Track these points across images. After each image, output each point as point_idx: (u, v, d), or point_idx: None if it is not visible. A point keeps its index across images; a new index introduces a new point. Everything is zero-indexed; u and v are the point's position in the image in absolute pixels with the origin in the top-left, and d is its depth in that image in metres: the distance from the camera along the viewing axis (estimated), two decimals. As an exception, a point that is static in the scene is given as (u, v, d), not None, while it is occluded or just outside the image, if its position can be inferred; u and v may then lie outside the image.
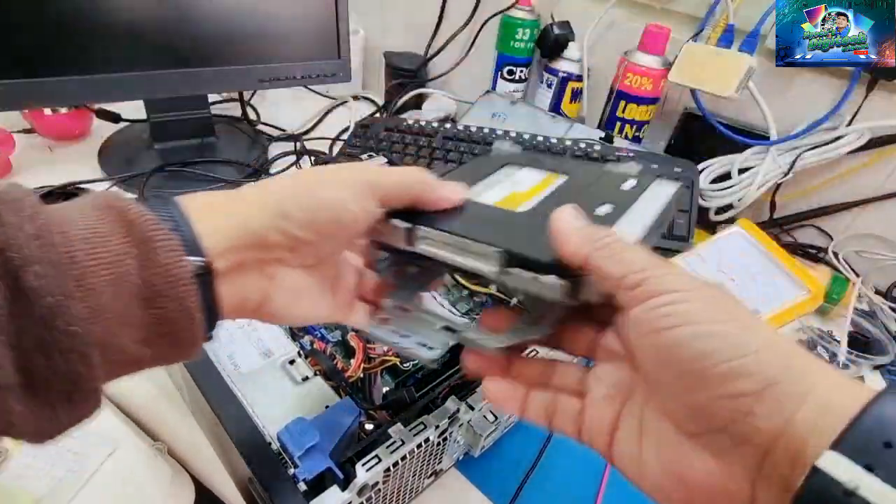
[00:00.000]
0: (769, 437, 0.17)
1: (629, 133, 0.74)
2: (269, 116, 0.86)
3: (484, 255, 0.24)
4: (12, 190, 0.18)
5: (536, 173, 0.33)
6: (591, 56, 0.77)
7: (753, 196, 0.65)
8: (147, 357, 0.20)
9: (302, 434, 0.30)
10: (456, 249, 0.25)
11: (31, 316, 0.16)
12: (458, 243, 0.25)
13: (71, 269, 0.17)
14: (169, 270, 0.19)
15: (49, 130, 0.72)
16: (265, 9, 0.65)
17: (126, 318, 0.19)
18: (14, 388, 0.16)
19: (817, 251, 0.69)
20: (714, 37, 0.64)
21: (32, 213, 0.17)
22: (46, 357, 0.17)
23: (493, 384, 0.25)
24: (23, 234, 0.16)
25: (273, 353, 0.38)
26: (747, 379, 0.17)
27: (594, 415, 0.23)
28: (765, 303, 0.49)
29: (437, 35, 0.92)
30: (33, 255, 0.16)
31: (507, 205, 0.28)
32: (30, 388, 0.17)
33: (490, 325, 0.26)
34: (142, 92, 0.64)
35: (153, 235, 0.19)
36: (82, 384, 0.18)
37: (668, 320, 0.19)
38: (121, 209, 0.19)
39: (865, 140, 0.60)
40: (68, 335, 0.17)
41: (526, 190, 0.31)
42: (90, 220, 0.19)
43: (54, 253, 0.17)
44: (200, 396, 0.33)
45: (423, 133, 0.70)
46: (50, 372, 0.17)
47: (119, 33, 0.58)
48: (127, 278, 0.18)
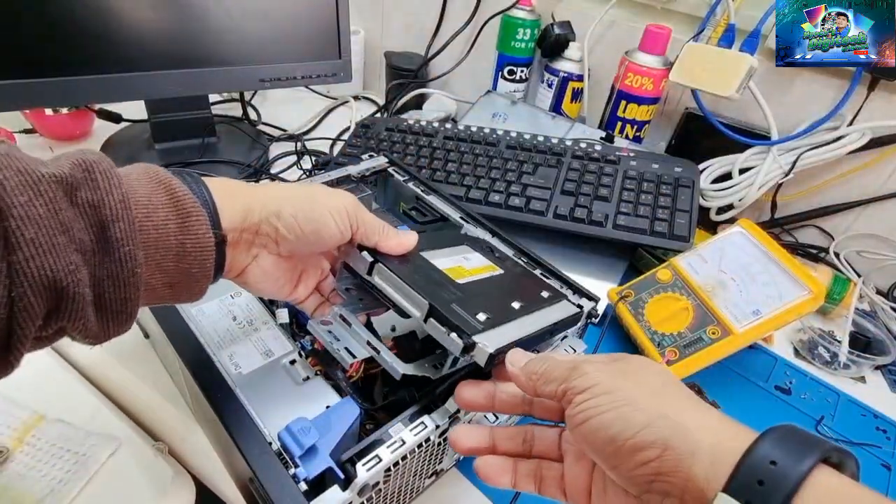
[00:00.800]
0: (681, 488, 0.21)
1: (630, 133, 0.74)
2: (269, 116, 0.86)
3: (416, 303, 0.32)
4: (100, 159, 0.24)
5: (484, 261, 0.41)
6: (592, 56, 0.77)
7: (754, 196, 0.65)
8: (167, 295, 0.27)
9: (302, 434, 0.30)
10: (399, 290, 0.33)
11: (112, 256, 0.23)
12: (401, 287, 0.33)
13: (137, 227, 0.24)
14: (199, 239, 0.26)
15: (50, 131, 0.72)
16: (266, 9, 0.65)
17: (163, 267, 0.25)
18: (90, 303, 0.23)
19: (818, 251, 0.69)
20: (715, 37, 0.64)
21: (118, 182, 0.24)
22: (115, 285, 0.23)
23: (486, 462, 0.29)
24: (111, 197, 0.23)
25: (274, 353, 0.38)
26: (649, 448, 0.22)
27: (571, 476, 0.28)
28: (766, 303, 0.49)
29: (437, 35, 0.92)
30: (119, 215, 0.23)
31: (451, 273, 0.36)
32: (100, 304, 0.23)
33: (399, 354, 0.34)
34: (143, 92, 0.64)
35: (191, 210, 0.26)
36: (130, 307, 0.24)
37: (582, 416, 0.24)
38: (168, 186, 0.26)
39: (867, 140, 0.60)
40: (133, 274, 0.23)
41: (470, 269, 0.39)
42: (148, 190, 0.25)
43: (131, 215, 0.23)
44: (202, 396, 0.34)
45: (424, 133, 0.71)
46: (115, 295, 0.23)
47: (120, 34, 0.58)
48: (168, 239, 0.25)
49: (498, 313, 0.33)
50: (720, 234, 0.55)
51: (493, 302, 0.34)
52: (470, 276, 0.37)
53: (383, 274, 0.34)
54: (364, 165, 0.57)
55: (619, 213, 0.59)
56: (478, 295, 0.35)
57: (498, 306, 0.34)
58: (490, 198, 0.61)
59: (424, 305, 0.31)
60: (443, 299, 0.32)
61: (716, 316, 0.50)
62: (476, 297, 0.34)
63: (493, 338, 0.30)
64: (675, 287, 0.53)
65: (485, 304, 0.33)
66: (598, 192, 0.61)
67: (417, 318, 0.32)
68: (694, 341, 0.49)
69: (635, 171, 0.62)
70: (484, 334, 0.30)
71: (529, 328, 0.33)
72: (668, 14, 0.72)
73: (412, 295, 0.32)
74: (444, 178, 0.64)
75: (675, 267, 0.55)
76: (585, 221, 0.59)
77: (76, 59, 0.57)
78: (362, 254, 0.34)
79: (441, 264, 0.37)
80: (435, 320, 0.31)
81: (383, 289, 0.34)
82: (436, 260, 0.37)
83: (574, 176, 0.62)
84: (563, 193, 0.61)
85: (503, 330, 0.32)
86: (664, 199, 0.60)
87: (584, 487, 0.27)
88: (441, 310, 0.31)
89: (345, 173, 0.55)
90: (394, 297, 0.33)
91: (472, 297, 0.33)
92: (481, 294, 0.35)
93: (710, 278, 0.52)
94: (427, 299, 0.31)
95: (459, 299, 0.33)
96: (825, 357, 0.55)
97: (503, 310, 0.34)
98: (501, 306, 0.34)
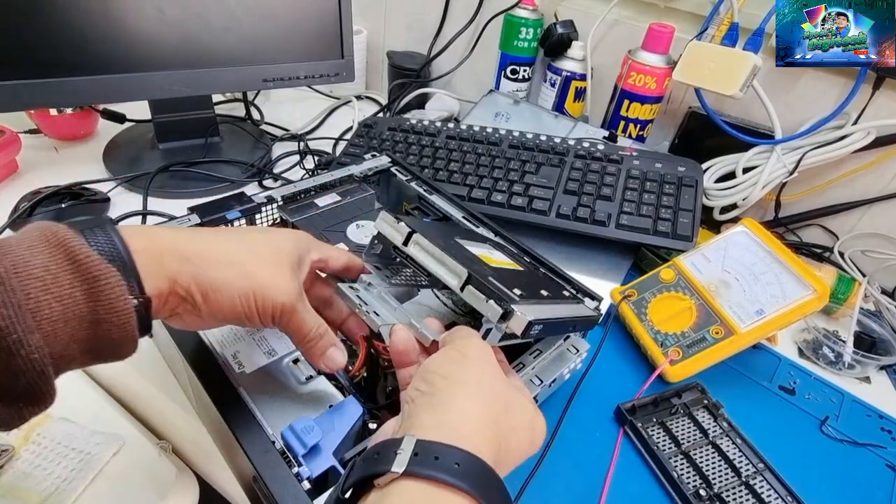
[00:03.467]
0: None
1: (633, 132, 0.73)
2: (272, 116, 0.86)
3: (455, 271, 0.32)
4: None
5: (507, 257, 0.43)
6: (595, 55, 0.77)
7: (758, 195, 0.64)
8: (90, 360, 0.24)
9: (306, 433, 0.30)
10: (437, 259, 0.33)
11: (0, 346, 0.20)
12: (440, 256, 0.33)
13: (28, 303, 0.21)
14: (113, 304, 0.23)
15: (55, 131, 0.73)
16: (269, 9, 0.66)
17: (75, 337, 0.23)
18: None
19: (823, 251, 0.68)
20: (718, 35, 0.64)
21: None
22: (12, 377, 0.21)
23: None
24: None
25: (277, 352, 0.38)
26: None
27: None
28: (770, 303, 0.49)
29: (440, 34, 0.92)
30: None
31: (483, 258, 0.37)
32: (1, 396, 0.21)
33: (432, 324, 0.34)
34: (147, 92, 0.64)
35: (97, 274, 0.23)
36: (39, 391, 0.22)
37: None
38: (68, 248, 0.23)
39: (871, 139, 0.60)
40: (29, 361, 0.21)
41: (497, 260, 0.40)
42: (44, 258, 0.22)
43: (14, 297, 0.20)
44: (205, 396, 0.34)
45: (426, 133, 0.71)
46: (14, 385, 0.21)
47: (124, 34, 0.59)
48: (76, 309, 0.22)
49: (530, 294, 0.33)
50: (724, 233, 0.55)
51: (525, 285, 0.35)
52: (498, 264, 0.38)
53: (421, 244, 0.34)
54: (366, 165, 0.57)
55: (622, 212, 0.59)
56: (510, 277, 0.36)
57: (529, 290, 0.34)
58: (493, 197, 0.61)
59: (463, 273, 0.32)
60: (480, 272, 0.32)
61: (719, 315, 0.50)
62: (509, 278, 0.35)
63: (530, 309, 0.31)
64: (679, 287, 0.53)
65: (518, 283, 0.34)
66: (601, 192, 0.61)
67: (454, 286, 0.32)
68: (697, 341, 0.49)
69: (638, 171, 0.62)
70: (521, 305, 0.31)
71: (560, 313, 0.35)
72: (672, 13, 0.72)
73: (451, 263, 0.32)
74: (446, 178, 0.64)
75: (678, 266, 0.55)
76: (588, 221, 0.59)
77: (80, 60, 0.58)
78: (399, 224, 0.35)
79: (473, 249, 0.38)
80: (473, 287, 0.31)
81: (419, 259, 0.34)
82: (468, 246, 0.38)
83: (577, 175, 0.62)
84: (566, 193, 0.61)
85: (537, 307, 0.32)
86: (667, 199, 0.59)
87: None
88: (479, 278, 0.31)
89: (347, 173, 0.55)
90: (430, 267, 0.33)
91: (506, 278, 0.34)
92: (513, 277, 0.36)
93: (713, 278, 0.52)
94: (466, 268, 0.32)
95: (494, 275, 0.33)
96: (830, 357, 0.55)
97: (534, 293, 0.35)
98: (532, 290, 0.35)
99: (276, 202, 0.50)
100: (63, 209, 0.57)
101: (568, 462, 0.41)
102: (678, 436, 0.43)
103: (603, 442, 0.43)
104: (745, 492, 0.40)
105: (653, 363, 0.50)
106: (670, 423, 0.44)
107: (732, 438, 0.43)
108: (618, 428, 0.44)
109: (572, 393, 0.45)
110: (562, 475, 0.40)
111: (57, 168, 0.68)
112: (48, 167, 0.68)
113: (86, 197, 0.59)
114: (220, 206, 0.47)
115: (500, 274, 0.35)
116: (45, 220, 0.57)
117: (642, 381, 0.48)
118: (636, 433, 0.43)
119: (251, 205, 0.48)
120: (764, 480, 0.40)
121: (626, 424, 0.44)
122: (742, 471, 0.41)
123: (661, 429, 0.44)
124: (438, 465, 0.22)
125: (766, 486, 0.40)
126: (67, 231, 0.23)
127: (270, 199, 0.49)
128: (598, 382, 0.47)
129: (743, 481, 0.40)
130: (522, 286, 0.34)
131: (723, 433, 0.44)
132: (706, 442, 0.43)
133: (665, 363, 0.48)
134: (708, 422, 0.45)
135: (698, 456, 0.42)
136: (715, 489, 0.39)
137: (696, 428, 0.44)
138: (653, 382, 0.47)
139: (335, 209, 0.52)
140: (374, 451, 0.24)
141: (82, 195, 0.59)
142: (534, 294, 0.35)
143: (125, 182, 0.65)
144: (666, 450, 0.42)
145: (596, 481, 0.40)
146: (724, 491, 0.39)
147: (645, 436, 0.43)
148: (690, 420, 0.45)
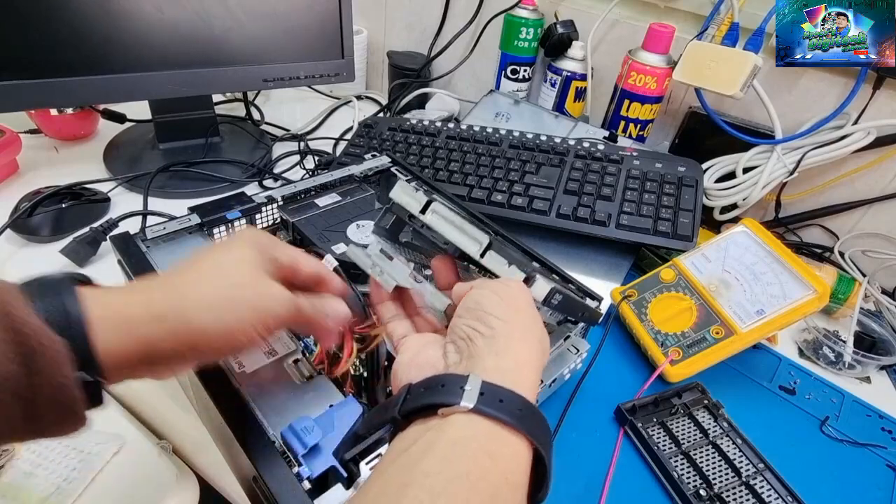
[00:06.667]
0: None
1: (633, 132, 0.73)
2: (273, 116, 0.86)
3: (475, 237, 0.32)
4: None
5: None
6: (595, 55, 0.77)
7: (758, 195, 0.64)
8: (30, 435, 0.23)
9: (306, 433, 0.30)
10: (456, 228, 0.33)
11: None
12: (460, 223, 0.33)
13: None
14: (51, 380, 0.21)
15: (55, 131, 0.73)
16: (269, 9, 0.66)
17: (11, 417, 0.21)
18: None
19: (823, 251, 0.68)
20: (719, 35, 0.64)
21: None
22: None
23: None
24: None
25: (277, 352, 0.38)
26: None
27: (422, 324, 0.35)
28: (770, 303, 0.49)
29: (440, 34, 0.92)
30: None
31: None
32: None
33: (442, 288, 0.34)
34: (147, 92, 0.64)
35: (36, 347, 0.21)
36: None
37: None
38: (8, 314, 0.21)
39: (872, 139, 0.60)
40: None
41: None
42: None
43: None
44: (206, 395, 0.34)
45: (427, 133, 0.71)
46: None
47: (125, 34, 0.59)
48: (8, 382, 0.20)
49: (544, 272, 0.35)
50: (724, 233, 0.55)
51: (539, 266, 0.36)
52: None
53: (440, 212, 0.34)
54: (367, 165, 0.57)
55: (623, 212, 0.59)
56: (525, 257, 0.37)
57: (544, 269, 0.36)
58: (493, 197, 0.61)
59: (485, 239, 0.32)
60: (498, 243, 0.33)
61: (719, 315, 0.50)
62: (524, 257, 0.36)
63: (550, 280, 0.32)
64: (679, 287, 0.53)
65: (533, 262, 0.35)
66: (602, 192, 0.61)
67: (474, 252, 0.32)
68: (697, 341, 0.49)
69: (639, 171, 0.62)
70: (539, 275, 0.32)
71: (572, 293, 0.36)
72: (672, 13, 0.72)
73: (471, 230, 0.33)
74: (446, 178, 0.64)
75: (678, 266, 0.55)
76: (588, 221, 0.59)
77: (81, 60, 0.58)
78: (417, 193, 0.35)
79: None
80: (495, 251, 0.32)
81: (437, 227, 0.34)
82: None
83: (577, 175, 0.62)
84: (567, 193, 0.61)
85: (552, 280, 0.33)
86: (667, 199, 0.59)
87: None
88: (500, 243, 0.32)
89: (347, 173, 0.55)
90: (450, 235, 0.33)
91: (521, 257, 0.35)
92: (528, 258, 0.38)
93: (713, 278, 0.52)
94: (487, 234, 0.32)
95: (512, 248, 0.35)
96: (830, 357, 0.55)
97: (547, 273, 0.36)
98: (546, 271, 0.37)
99: (277, 202, 0.50)
100: (63, 209, 0.57)
101: (568, 462, 0.41)
102: (678, 436, 0.43)
103: (603, 442, 0.43)
104: (746, 492, 0.40)
105: (653, 363, 0.50)
106: (670, 423, 0.44)
107: (733, 438, 0.43)
108: (618, 428, 0.44)
109: (572, 393, 0.45)
110: (562, 475, 0.40)
111: (57, 168, 0.68)
112: (48, 167, 0.68)
113: (86, 197, 0.59)
114: (221, 206, 0.47)
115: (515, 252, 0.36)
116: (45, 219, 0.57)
117: (642, 381, 0.48)
118: (636, 433, 0.43)
119: (251, 205, 0.48)
120: (764, 480, 0.40)
121: (627, 424, 0.44)
122: (742, 471, 0.41)
123: (662, 429, 0.44)
124: (503, 407, 0.23)
125: (767, 486, 0.40)
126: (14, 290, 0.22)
127: (271, 199, 0.49)
128: (599, 382, 0.47)
129: (743, 481, 0.40)
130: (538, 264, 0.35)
131: (723, 433, 0.44)
132: (706, 442, 0.43)
133: (665, 363, 0.48)
134: (708, 422, 0.45)
135: (698, 456, 0.42)
136: (715, 489, 0.39)
137: (697, 428, 0.44)
138: (653, 382, 0.47)
139: (335, 209, 0.52)
140: (437, 381, 0.25)
141: (82, 195, 0.59)
142: (546, 275, 0.36)
143: (125, 182, 0.65)
144: (666, 450, 0.42)
145: (596, 481, 0.40)
146: (724, 491, 0.39)
147: (645, 436, 0.43)
148: (691, 420, 0.45)
